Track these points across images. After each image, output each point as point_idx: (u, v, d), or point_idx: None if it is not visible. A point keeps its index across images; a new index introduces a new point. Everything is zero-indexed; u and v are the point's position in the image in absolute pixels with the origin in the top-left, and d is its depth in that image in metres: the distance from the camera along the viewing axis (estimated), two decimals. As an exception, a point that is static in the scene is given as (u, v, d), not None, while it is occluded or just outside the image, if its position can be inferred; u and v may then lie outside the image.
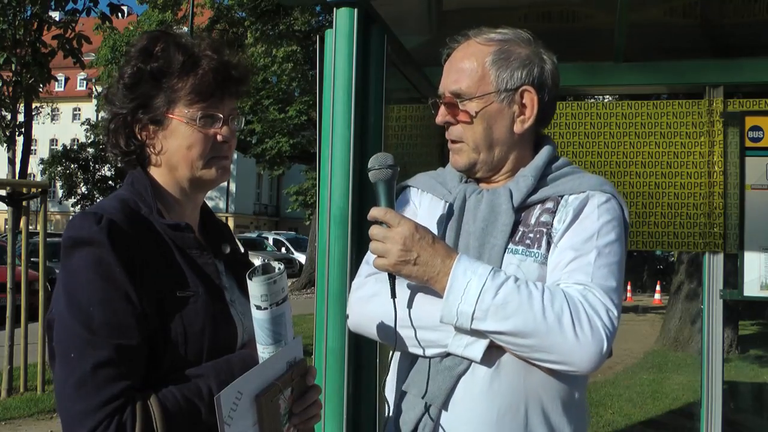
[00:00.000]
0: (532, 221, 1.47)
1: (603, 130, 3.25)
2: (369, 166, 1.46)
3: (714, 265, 3.18)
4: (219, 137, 1.38)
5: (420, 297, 1.45)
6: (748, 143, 3.13)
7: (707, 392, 3.18)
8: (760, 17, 3.06)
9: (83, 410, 1.17)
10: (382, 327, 1.47)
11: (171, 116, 1.35)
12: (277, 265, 1.27)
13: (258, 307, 1.25)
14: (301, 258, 24.37)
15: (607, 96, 10.21)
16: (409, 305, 1.46)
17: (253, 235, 31.79)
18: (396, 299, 1.42)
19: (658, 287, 17.76)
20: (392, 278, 1.42)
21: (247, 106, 19.46)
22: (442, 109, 1.53)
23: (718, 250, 3.15)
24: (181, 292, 1.29)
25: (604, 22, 3.09)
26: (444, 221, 1.53)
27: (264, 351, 1.27)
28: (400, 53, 2.78)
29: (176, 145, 1.36)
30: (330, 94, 2.33)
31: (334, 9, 2.35)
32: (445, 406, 1.42)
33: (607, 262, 1.40)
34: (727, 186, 3.14)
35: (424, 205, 1.62)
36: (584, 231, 1.42)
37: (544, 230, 1.45)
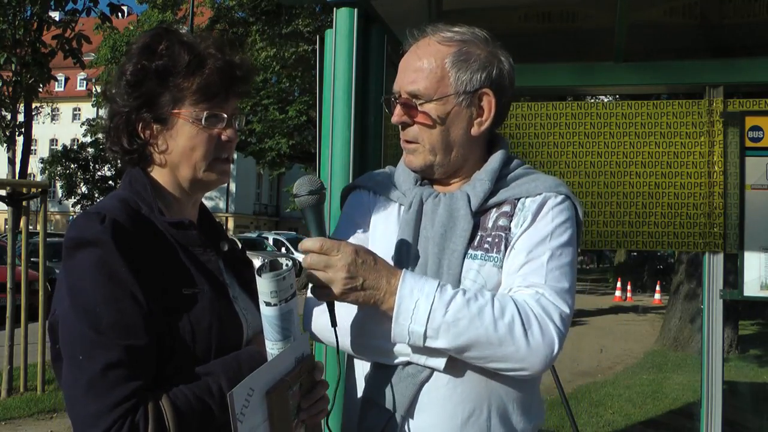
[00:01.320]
0: (490, 225, 1.47)
1: (603, 130, 3.24)
2: (294, 192, 1.42)
3: (714, 265, 3.18)
4: (223, 137, 1.37)
5: (376, 309, 1.39)
6: (748, 143, 3.13)
7: (707, 392, 3.18)
8: (760, 17, 3.07)
9: (95, 412, 1.16)
10: (341, 335, 1.43)
11: (176, 115, 1.34)
12: (285, 262, 1.27)
13: (267, 304, 1.24)
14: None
15: (607, 96, 10.20)
16: (367, 316, 1.43)
17: (253, 235, 31.69)
18: (337, 327, 1.38)
19: (658, 287, 17.75)
20: (331, 306, 1.38)
21: (247, 107, 19.47)
22: (398, 109, 1.50)
23: (718, 250, 3.15)
24: (186, 289, 1.29)
25: (604, 22, 3.09)
26: (400, 226, 1.50)
27: (273, 347, 1.27)
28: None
29: (180, 144, 1.35)
30: (330, 94, 2.33)
31: (334, 9, 2.35)
32: (409, 413, 1.41)
33: (560, 264, 1.41)
34: (727, 186, 3.14)
35: (377, 207, 1.58)
36: (538, 233, 1.43)
37: (503, 234, 1.45)
